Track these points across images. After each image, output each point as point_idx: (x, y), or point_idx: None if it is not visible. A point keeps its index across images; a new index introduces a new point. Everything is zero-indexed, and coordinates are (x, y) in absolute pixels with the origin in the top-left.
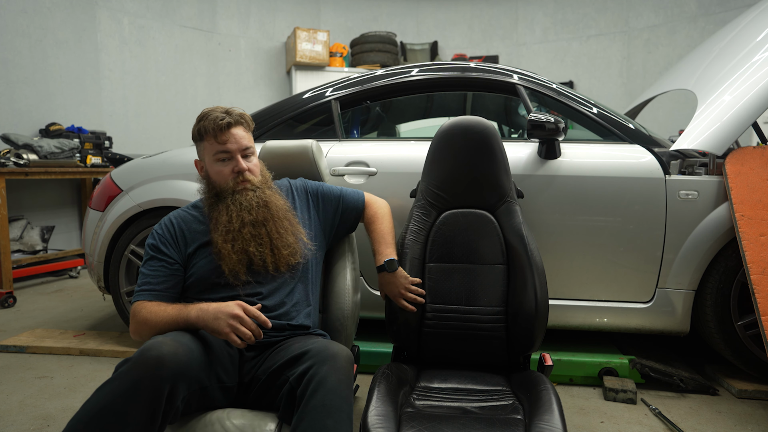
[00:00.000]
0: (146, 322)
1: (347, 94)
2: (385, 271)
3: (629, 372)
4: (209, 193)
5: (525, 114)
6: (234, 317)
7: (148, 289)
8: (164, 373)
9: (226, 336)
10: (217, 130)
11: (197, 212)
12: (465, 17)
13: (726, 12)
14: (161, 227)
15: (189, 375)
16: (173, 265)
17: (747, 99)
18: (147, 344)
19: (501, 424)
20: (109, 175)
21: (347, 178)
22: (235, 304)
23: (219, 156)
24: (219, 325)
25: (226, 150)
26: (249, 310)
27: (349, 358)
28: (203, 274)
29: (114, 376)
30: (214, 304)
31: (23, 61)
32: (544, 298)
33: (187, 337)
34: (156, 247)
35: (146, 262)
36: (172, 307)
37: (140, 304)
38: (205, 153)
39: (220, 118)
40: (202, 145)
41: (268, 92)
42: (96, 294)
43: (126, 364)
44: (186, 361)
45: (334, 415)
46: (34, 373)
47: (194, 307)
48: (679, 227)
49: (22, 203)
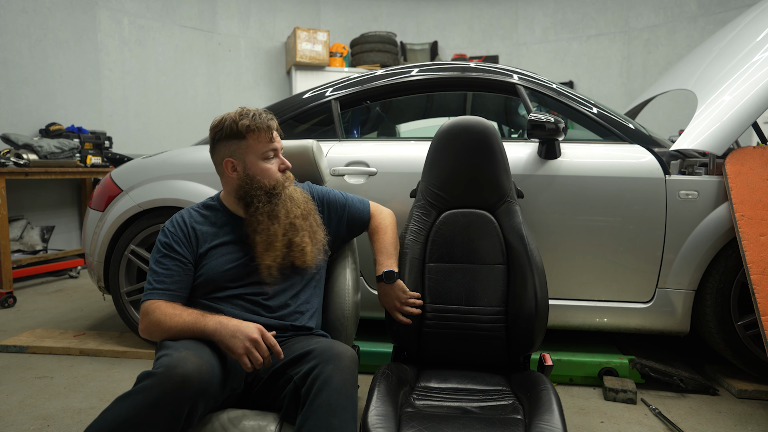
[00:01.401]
0: (159, 324)
1: (347, 94)
2: (383, 282)
3: (629, 372)
4: (255, 191)
5: (525, 114)
6: (251, 341)
7: (161, 288)
8: (188, 393)
9: (239, 357)
10: (267, 129)
11: (209, 212)
12: (465, 17)
13: (726, 12)
14: (174, 225)
15: (209, 393)
16: (186, 264)
17: (747, 99)
18: (172, 359)
19: (501, 424)
20: (109, 175)
21: (347, 178)
22: (255, 328)
23: (267, 154)
24: (235, 344)
25: (275, 148)
26: (267, 337)
27: (353, 359)
28: (213, 275)
29: (137, 388)
30: (234, 320)
31: (23, 61)
32: (544, 298)
33: (207, 352)
34: (169, 246)
35: (158, 260)
36: (188, 313)
37: (153, 303)
38: (249, 151)
39: (267, 117)
40: (243, 144)
41: (268, 92)
42: (96, 294)
43: (150, 378)
44: (208, 379)
45: (340, 414)
46: (34, 373)
47: (213, 318)
48: (679, 227)
49: (22, 203)
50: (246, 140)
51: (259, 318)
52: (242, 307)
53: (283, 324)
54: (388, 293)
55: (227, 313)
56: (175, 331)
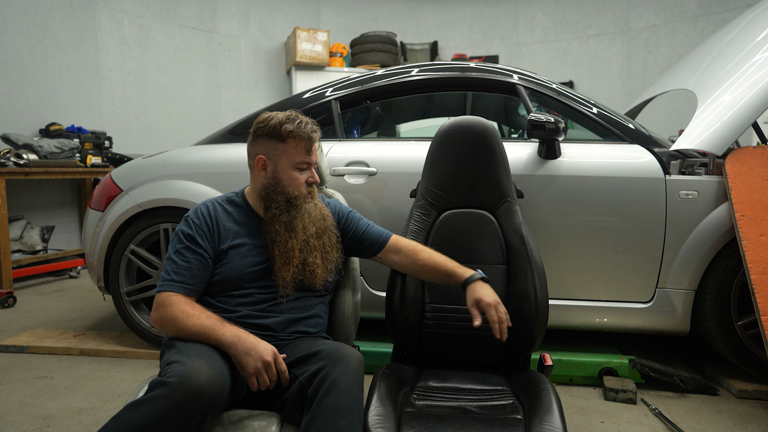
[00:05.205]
0: (176, 321)
1: (347, 94)
2: (481, 281)
3: (629, 372)
4: (276, 195)
5: (525, 114)
6: (264, 363)
7: (180, 280)
8: (201, 405)
9: (247, 376)
10: (308, 140)
11: (233, 208)
12: (465, 17)
13: (726, 12)
14: (198, 217)
15: (220, 404)
16: (207, 259)
17: (747, 99)
18: (186, 368)
19: (501, 423)
20: (109, 175)
21: (347, 178)
22: (270, 350)
23: (301, 165)
24: (247, 362)
25: (310, 162)
26: (279, 363)
27: (360, 361)
28: (231, 276)
29: (149, 397)
30: (252, 337)
31: (23, 61)
32: (544, 298)
33: (219, 362)
34: (192, 238)
35: (179, 251)
36: (206, 316)
37: (171, 296)
38: (284, 156)
39: (311, 128)
40: (281, 147)
41: (268, 92)
42: (96, 294)
43: (163, 387)
44: (220, 391)
45: (347, 416)
46: (34, 373)
47: (230, 330)
48: (679, 227)
49: (22, 203)
50: (285, 144)
51: (268, 320)
52: (253, 307)
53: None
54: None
55: (238, 312)
56: (190, 332)
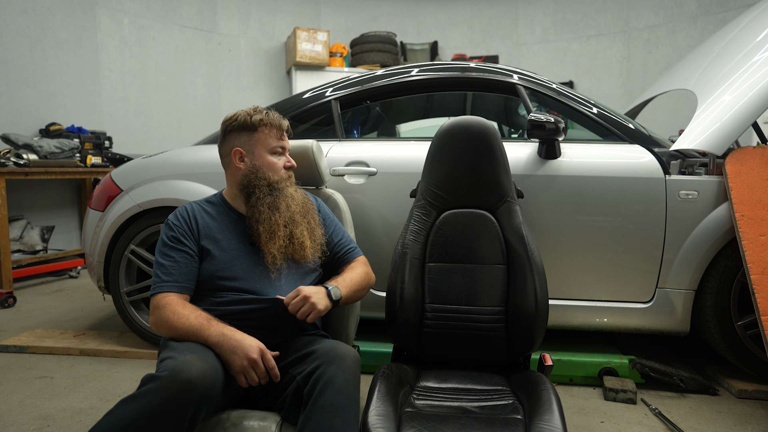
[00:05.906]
0: (168, 322)
1: (347, 94)
2: None
3: (629, 372)
4: (258, 181)
5: (525, 114)
6: (250, 360)
7: (170, 280)
8: (192, 397)
9: (235, 374)
10: (278, 126)
11: (211, 207)
12: (465, 17)
13: (726, 12)
14: (178, 219)
15: (213, 398)
16: (193, 256)
17: (747, 99)
18: (177, 362)
19: (501, 423)
20: (109, 175)
21: (347, 178)
22: (256, 347)
23: (276, 149)
24: (233, 360)
25: (283, 146)
26: (267, 359)
27: (356, 360)
28: (213, 270)
29: (141, 392)
30: (237, 335)
31: (23, 61)
32: (544, 298)
33: (212, 356)
34: (176, 239)
35: (165, 253)
36: (195, 316)
37: (165, 297)
38: (259, 144)
39: (279, 116)
40: (255, 136)
41: (268, 92)
42: (96, 294)
43: (155, 381)
44: (212, 384)
45: (342, 415)
46: (34, 373)
47: (216, 328)
48: (679, 227)
49: (22, 203)
50: (257, 133)
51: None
52: (246, 295)
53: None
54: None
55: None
56: (180, 333)
